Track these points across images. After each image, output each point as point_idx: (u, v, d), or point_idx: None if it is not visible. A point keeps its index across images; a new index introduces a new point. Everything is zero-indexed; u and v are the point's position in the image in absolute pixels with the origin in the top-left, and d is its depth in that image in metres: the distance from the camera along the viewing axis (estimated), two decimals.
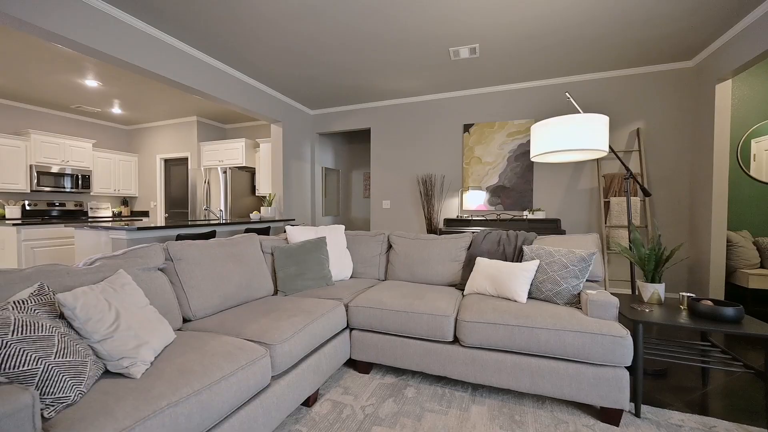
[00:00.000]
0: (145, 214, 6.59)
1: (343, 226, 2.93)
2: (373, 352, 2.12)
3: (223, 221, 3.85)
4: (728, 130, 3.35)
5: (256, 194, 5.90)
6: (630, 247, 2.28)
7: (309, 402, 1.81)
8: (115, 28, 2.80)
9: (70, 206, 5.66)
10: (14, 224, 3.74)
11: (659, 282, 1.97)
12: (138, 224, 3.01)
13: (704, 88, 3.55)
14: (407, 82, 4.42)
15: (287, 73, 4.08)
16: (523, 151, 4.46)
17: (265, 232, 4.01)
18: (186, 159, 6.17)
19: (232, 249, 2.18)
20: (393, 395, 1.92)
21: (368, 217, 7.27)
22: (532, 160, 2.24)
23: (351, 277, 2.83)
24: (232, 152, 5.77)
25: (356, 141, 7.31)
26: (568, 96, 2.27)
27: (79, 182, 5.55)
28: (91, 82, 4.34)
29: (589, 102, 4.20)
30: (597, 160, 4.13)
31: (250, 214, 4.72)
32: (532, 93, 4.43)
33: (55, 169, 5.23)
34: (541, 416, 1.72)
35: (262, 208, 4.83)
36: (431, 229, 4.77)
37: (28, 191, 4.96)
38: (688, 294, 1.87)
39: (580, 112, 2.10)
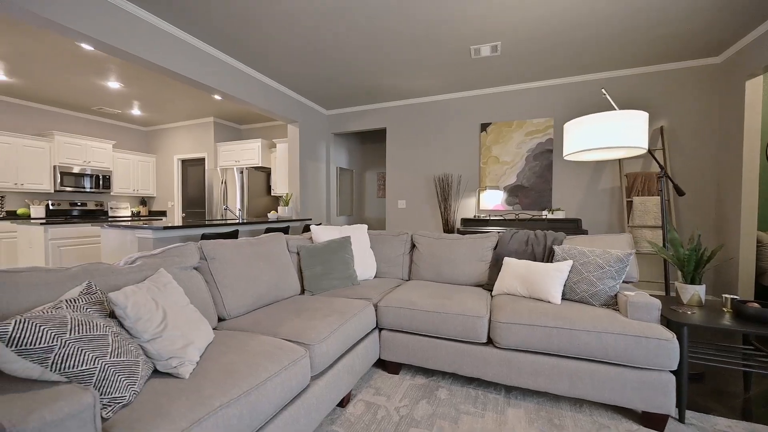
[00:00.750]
0: (163, 213, 6.67)
1: (365, 226, 2.92)
2: (403, 353, 2.10)
3: (241, 221, 3.87)
4: (759, 128, 3.25)
5: (272, 194, 5.93)
6: (666, 246, 2.22)
7: (343, 403, 1.80)
8: (135, 26, 2.82)
9: (91, 206, 5.76)
10: (41, 223, 3.82)
11: (699, 283, 1.91)
12: (162, 224, 3.04)
13: (732, 85, 3.45)
14: (425, 81, 4.39)
15: (304, 72, 4.09)
16: (542, 150, 4.39)
17: (284, 231, 4.02)
18: (203, 159, 6.23)
19: (260, 248, 2.18)
20: (425, 396, 1.90)
21: (382, 216, 7.25)
22: (565, 158, 2.20)
23: (375, 276, 2.82)
24: (249, 152, 5.81)
25: (370, 141, 7.29)
26: (604, 93, 2.22)
27: (100, 182, 5.64)
28: (113, 84, 4.40)
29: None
30: (620, 159, 4.05)
31: (268, 214, 4.75)
32: (551, 91, 4.36)
33: (76, 170, 5.32)
34: (580, 420, 1.68)
35: (279, 207, 4.85)
36: (448, 228, 4.73)
37: (52, 191, 5.06)
38: (733, 296, 1.81)
39: (615, 110, 2.05)
